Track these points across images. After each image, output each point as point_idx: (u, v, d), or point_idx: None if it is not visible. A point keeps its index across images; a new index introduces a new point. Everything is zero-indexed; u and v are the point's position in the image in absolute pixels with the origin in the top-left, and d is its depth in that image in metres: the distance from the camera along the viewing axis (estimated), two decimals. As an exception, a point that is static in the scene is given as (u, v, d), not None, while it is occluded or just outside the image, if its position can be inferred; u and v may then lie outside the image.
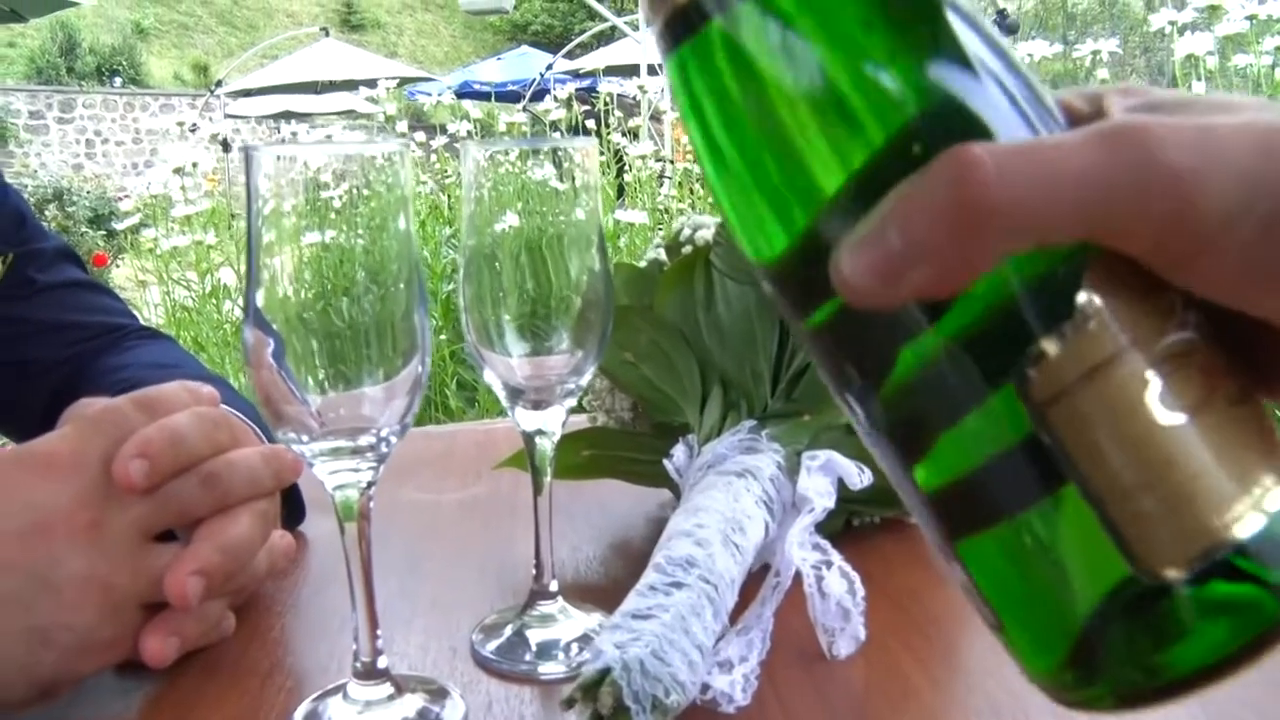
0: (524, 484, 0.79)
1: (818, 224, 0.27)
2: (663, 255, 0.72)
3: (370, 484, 0.48)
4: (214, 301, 3.19)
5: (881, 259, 0.24)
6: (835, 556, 0.60)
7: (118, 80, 18.97)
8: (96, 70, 19.62)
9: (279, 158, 0.45)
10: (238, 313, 3.21)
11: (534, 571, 0.59)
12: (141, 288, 3.62)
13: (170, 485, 0.53)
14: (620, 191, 4.34)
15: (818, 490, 0.61)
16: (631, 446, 0.73)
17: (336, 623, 0.61)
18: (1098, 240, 0.25)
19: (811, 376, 0.66)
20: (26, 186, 10.72)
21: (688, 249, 0.69)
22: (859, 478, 0.62)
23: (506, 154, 0.55)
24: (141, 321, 0.93)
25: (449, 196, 4.23)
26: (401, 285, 0.47)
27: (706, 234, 0.68)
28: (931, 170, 0.24)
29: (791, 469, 0.64)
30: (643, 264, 0.72)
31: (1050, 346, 0.25)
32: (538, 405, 0.55)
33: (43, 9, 5.48)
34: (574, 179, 0.55)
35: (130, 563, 0.51)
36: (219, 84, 13.10)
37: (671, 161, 4.46)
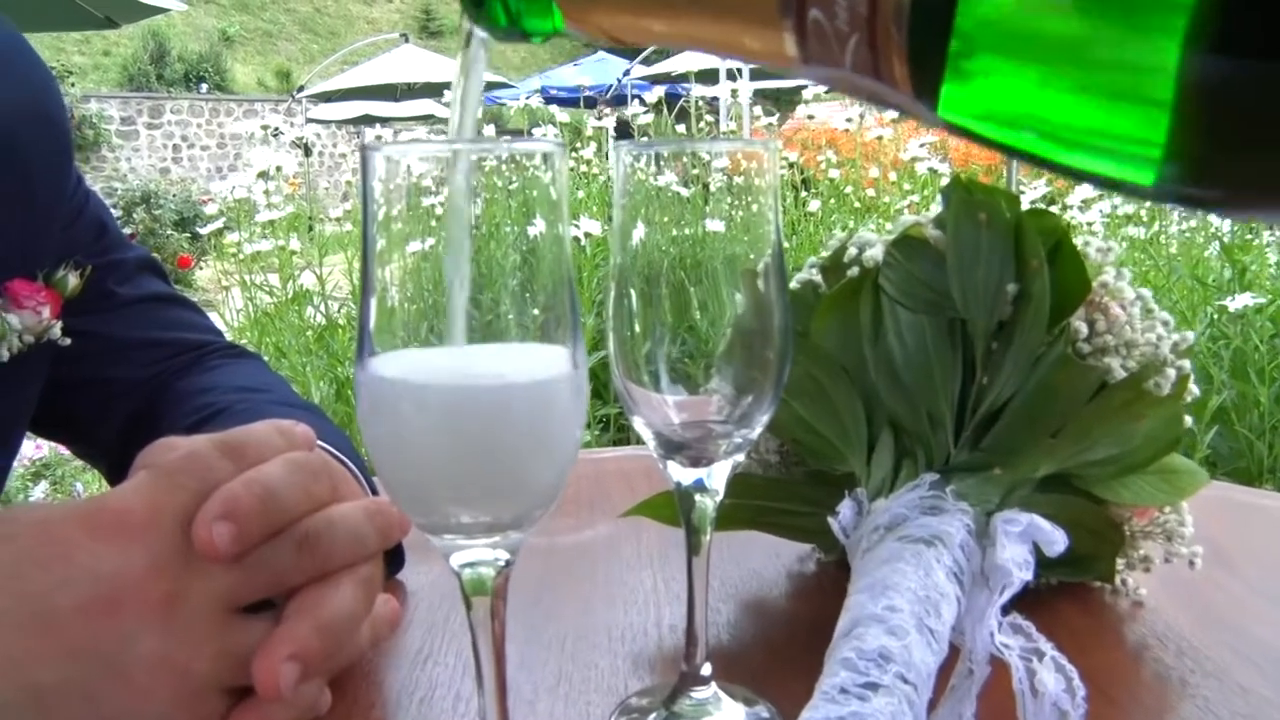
0: (646, 527, 0.70)
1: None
2: (817, 276, 0.63)
3: (508, 563, 0.39)
4: (296, 308, 3.16)
5: None
6: (1045, 644, 0.50)
7: (204, 86, 19.41)
8: (184, 77, 20.08)
9: (393, 159, 0.36)
10: (319, 319, 3.18)
11: (685, 649, 0.50)
12: (225, 291, 3.62)
13: (260, 550, 0.45)
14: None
15: (1016, 561, 0.51)
16: (779, 496, 0.63)
17: (448, 700, 0.53)
18: None
19: (1004, 422, 0.56)
20: (116, 190, 10.98)
21: (853, 271, 0.59)
22: (1059, 544, 0.52)
23: (662, 157, 0.46)
24: (225, 330, 0.86)
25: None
26: (538, 311, 0.38)
27: (875, 254, 0.59)
28: None
29: (980, 533, 0.54)
30: (794, 286, 0.63)
31: None
32: (696, 461, 0.46)
33: (135, 15, 5.56)
34: (744, 188, 0.46)
35: (212, 642, 0.43)
36: (301, 89, 13.29)
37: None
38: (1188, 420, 0.61)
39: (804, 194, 4.48)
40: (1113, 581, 0.65)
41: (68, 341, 0.70)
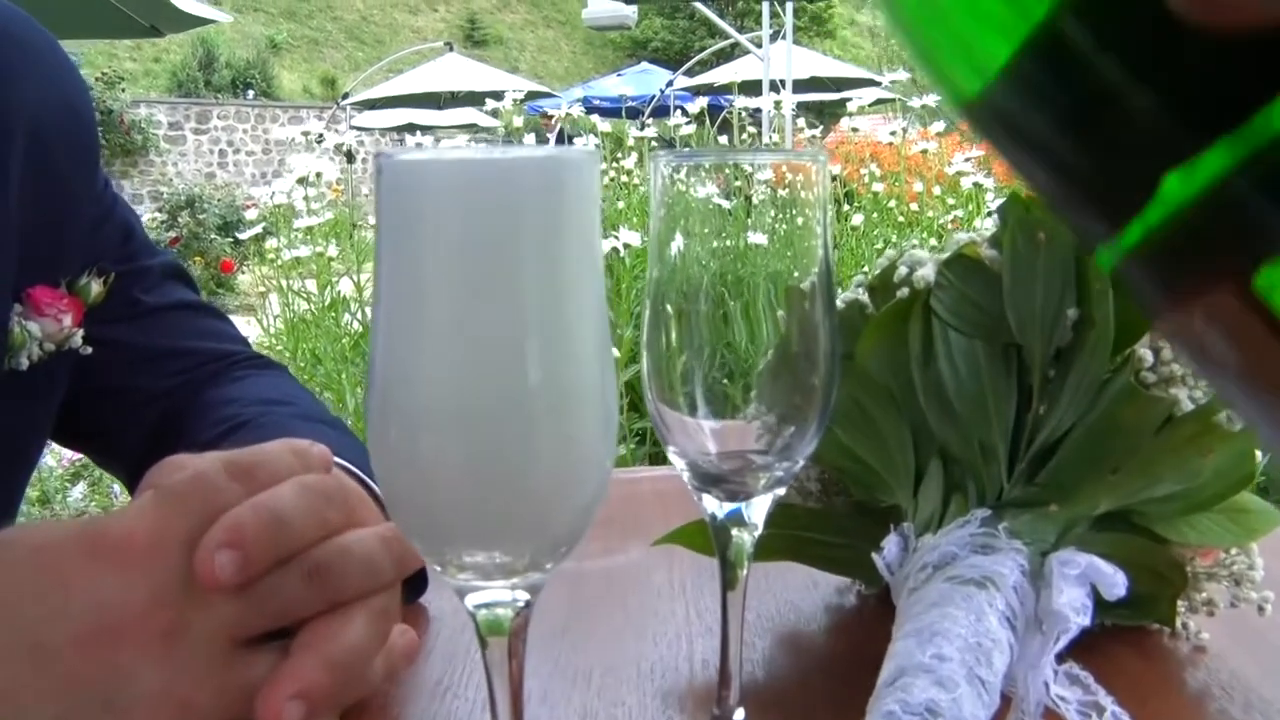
0: (679, 553, 0.67)
1: None
2: (864, 296, 0.59)
3: (528, 604, 0.36)
4: (333, 314, 3.15)
5: None
6: (1104, 697, 0.46)
7: (251, 93, 19.65)
8: (231, 83, 20.36)
9: (407, 164, 0.34)
10: (356, 325, 3.17)
11: (718, 690, 0.47)
12: (263, 297, 3.63)
13: (268, 580, 0.43)
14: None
15: (1073, 605, 0.48)
16: (819, 527, 0.60)
17: (466, 738, 0.50)
18: None
19: (1062, 455, 0.53)
20: (162, 194, 11.12)
21: (903, 292, 0.56)
22: (1120, 588, 0.49)
23: (703, 169, 0.43)
24: (261, 336, 0.84)
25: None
26: (564, 342, 0.35)
27: (927, 274, 0.55)
28: None
29: (1035, 574, 0.50)
30: (840, 306, 0.60)
31: None
32: (734, 496, 0.43)
33: (180, 25, 5.61)
34: (790, 202, 0.43)
35: (215, 677, 0.41)
36: (345, 96, 13.41)
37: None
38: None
39: (847, 207, 4.44)
40: (1173, 625, 0.61)
41: (89, 350, 0.68)
